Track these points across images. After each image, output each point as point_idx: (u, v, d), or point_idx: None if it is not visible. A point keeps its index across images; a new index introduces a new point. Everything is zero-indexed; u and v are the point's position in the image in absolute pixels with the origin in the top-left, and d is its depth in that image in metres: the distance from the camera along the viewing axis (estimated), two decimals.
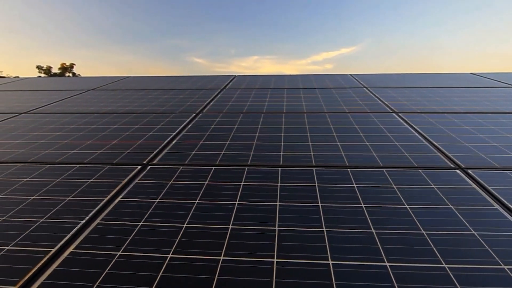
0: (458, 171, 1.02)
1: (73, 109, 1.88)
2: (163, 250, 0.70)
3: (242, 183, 0.96)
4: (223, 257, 0.67)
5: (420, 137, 1.30)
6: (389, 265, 0.64)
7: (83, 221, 0.81)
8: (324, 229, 0.75)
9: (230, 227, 0.77)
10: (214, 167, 1.07)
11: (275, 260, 0.66)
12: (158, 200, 0.89)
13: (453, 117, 1.54)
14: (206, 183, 0.97)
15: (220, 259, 0.66)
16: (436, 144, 1.23)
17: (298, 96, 2.02)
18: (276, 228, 0.76)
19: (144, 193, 0.93)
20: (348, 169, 1.04)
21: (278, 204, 0.86)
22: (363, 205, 0.84)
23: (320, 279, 0.61)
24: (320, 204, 0.85)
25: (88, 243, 0.72)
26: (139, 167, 1.09)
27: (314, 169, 1.04)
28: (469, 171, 1.02)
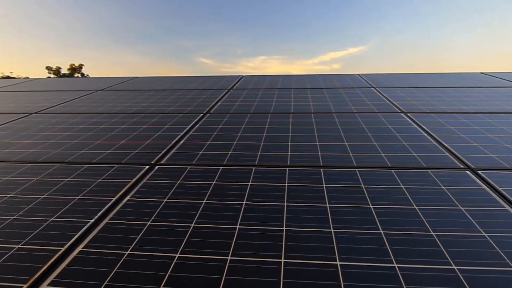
0: (467, 171, 1.00)
1: (82, 109, 1.90)
2: (171, 249, 0.70)
3: (250, 183, 0.96)
4: (231, 257, 0.67)
5: (429, 137, 1.29)
6: (397, 266, 0.63)
7: (92, 220, 0.82)
8: (332, 229, 0.75)
9: (238, 227, 0.77)
10: (221, 167, 1.07)
11: (282, 261, 0.66)
12: (166, 200, 0.89)
13: (462, 117, 1.52)
14: (213, 183, 0.98)
15: (227, 259, 0.67)
16: (445, 144, 1.22)
17: (306, 96, 2.02)
18: (284, 228, 0.76)
19: (152, 192, 0.93)
20: (356, 169, 1.03)
21: (286, 204, 0.85)
22: (371, 205, 0.84)
23: (328, 280, 0.61)
24: (327, 205, 0.85)
25: (97, 242, 0.73)
26: (147, 167, 1.10)
27: (321, 169, 1.04)
28: (478, 171, 1.00)
